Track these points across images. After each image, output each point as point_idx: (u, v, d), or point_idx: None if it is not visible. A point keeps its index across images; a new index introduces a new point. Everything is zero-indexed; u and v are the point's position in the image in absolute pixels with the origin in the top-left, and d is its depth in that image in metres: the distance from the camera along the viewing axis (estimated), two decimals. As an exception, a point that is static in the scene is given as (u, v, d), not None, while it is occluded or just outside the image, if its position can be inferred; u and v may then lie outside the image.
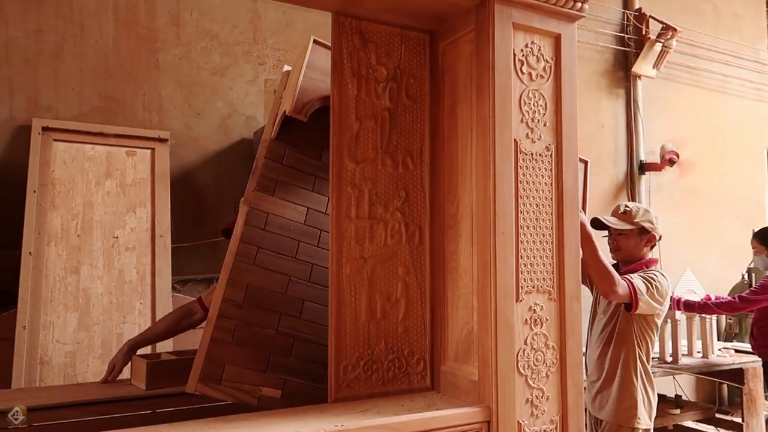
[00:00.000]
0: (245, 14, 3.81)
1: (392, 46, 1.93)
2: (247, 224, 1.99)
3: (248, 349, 1.90)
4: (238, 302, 1.92)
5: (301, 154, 2.13)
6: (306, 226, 2.10)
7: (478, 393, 1.69)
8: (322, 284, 2.02)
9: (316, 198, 2.13)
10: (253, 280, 1.96)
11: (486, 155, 1.70)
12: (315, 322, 2.02)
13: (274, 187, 2.05)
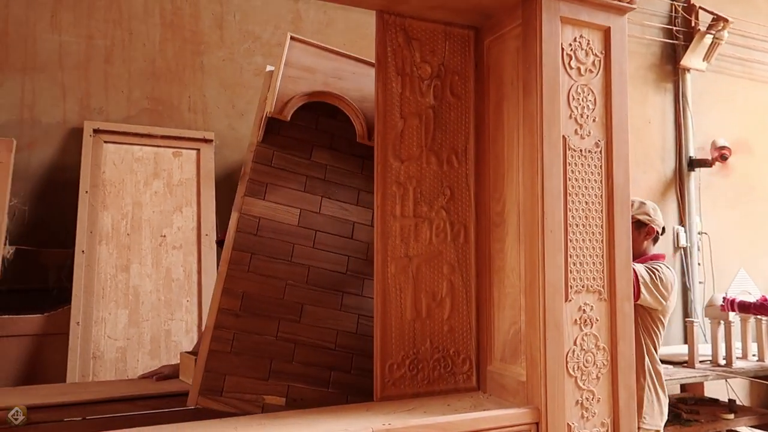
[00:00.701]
0: (287, 15, 3.84)
1: (436, 44, 1.91)
2: (239, 231, 1.95)
3: (248, 357, 1.86)
4: (234, 311, 1.87)
5: (290, 154, 2.08)
6: (300, 227, 2.04)
7: (526, 394, 1.66)
8: (321, 286, 2.00)
9: (308, 198, 2.07)
10: (249, 287, 1.92)
11: (533, 152, 1.67)
12: (315, 325, 1.97)
13: (264, 191, 2.01)
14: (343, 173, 2.15)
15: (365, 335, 2.01)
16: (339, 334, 1.99)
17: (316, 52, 2.11)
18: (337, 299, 2.03)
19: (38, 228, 3.15)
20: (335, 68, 2.10)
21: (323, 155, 2.13)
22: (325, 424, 1.51)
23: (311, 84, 2.04)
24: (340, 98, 2.05)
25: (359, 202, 2.14)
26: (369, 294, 2.06)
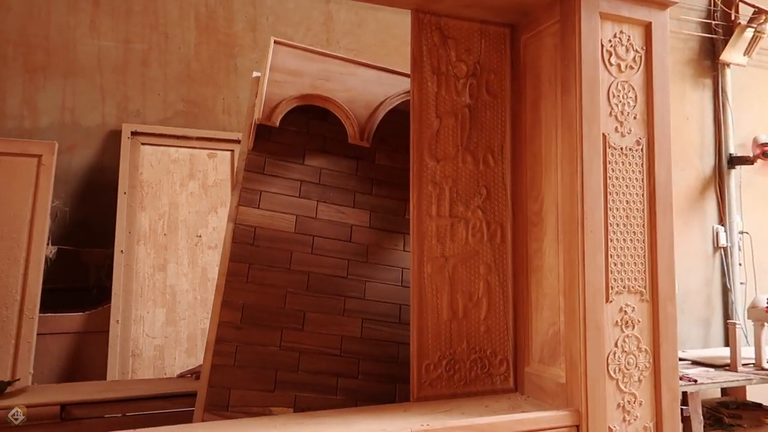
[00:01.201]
0: (318, 17, 3.86)
1: (472, 42, 1.90)
2: (235, 242, 1.92)
3: (252, 370, 1.85)
4: (235, 323, 1.86)
5: (282, 160, 2.05)
6: (297, 234, 2.01)
7: (565, 396, 1.63)
8: (322, 292, 1.98)
9: (304, 204, 2.05)
10: (249, 298, 1.90)
11: (572, 150, 1.65)
12: (319, 332, 1.95)
13: (258, 199, 1.98)
14: (338, 176, 2.12)
15: (370, 339, 2.00)
16: (343, 339, 1.97)
17: (301, 54, 2.08)
18: (340, 304, 2.00)
19: (79, 228, 3.23)
20: (322, 70, 2.07)
21: (316, 159, 2.10)
22: (363, 423, 1.51)
23: (298, 87, 2.01)
24: (328, 100, 2.02)
25: (355, 204, 2.12)
26: (372, 297, 2.06)
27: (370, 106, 2.06)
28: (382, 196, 2.16)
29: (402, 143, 2.22)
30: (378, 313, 2.05)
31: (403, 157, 2.21)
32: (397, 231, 2.15)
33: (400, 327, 2.06)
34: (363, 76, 2.10)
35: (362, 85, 2.08)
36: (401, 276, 2.12)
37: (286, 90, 1.97)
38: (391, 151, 2.21)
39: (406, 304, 2.08)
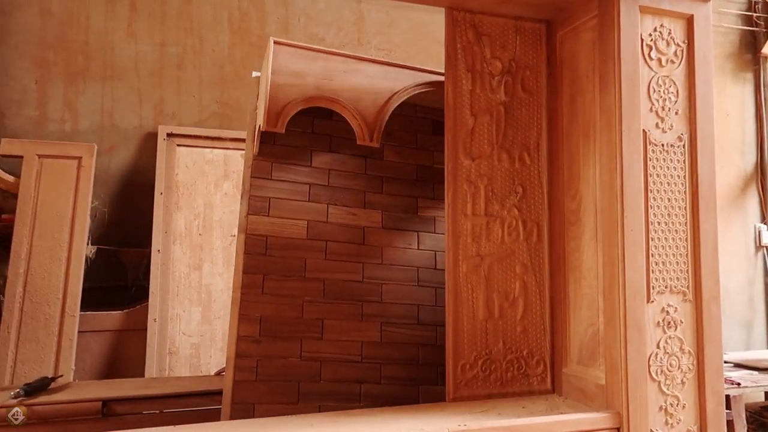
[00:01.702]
0: (350, 17, 3.88)
1: (507, 39, 1.88)
2: (248, 253, 1.88)
3: (275, 383, 1.82)
4: (254, 337, 1.83)
5: (289, 164, 2.00)
6: (309, 240, 1.97)
7: (605, 398, 1.60)
8: (339, 298, 1.95)
9: (314, 208, 2.00)
10: (266, 310, 1.86)
11: (612, 148, 1.61)
12: (338, 339, 1.93)
13: (267, 207, 1.93)
14: (347, 176, 2.08)
15: (390, 342, 1.97)
16: (363, 345, 1.95)
17: (303, 54, 1.99)
18: (357, 309, 1.98)
19: (117, 228, 3.30)
20: (325, 69, 1.99)
21: (324, 159, 2.05)
22: (400, 423, 1.50)
23: (302, 90, 1.93)
24: (334, 101, 1.95)
25: (366, 204, 2.07)
26: (389, 299, 2.03)
27: (377, 104, 2.00)
28: (392, 194, 2.13)
29: (411, 138, 2.21)
30: (396, 316, 2.03)
31: (412, 153, 2.19)
32: (410, 229, 2.12)
33: (418, 328, 2.04)
34: (368, 73, 2.03)
35: (368, 82, 2.01)
36: (416, 275, 2.09)
37: (290, 93, 1.89)
38: (399, 147, 2.18)
39: (423, 305, 2.07)
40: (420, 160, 2.19)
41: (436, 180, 2.18)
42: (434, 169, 2.19)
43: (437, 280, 2.10)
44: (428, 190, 2.18)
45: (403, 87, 2.05)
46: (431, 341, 2.05)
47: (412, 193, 2.14)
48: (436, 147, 2.20)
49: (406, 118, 2.19)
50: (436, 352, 2.03)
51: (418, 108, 2.22)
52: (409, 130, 2.20)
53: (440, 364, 2.00)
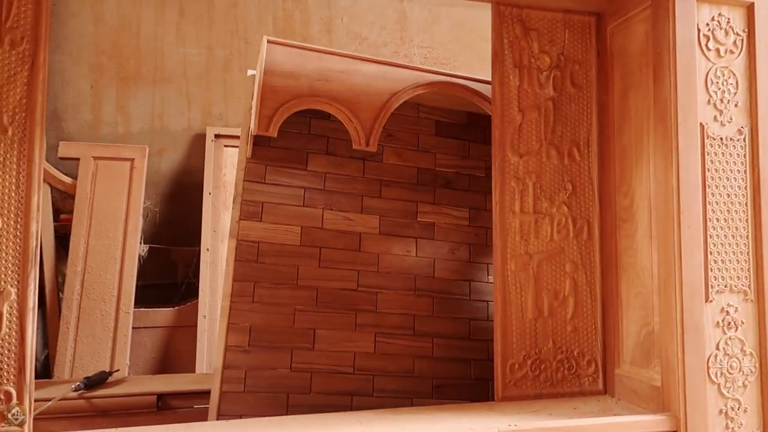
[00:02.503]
0: (392, 15, 3.88)
1: (555, 33, 1.84)
2: (238, 260, 1.82)
3: (264, 395, 1.77)
4: (243, 347, 1.78)
5: (283, 167, 1.93)
6: (303, 247, 1.90)
7: (661, 400, 1.56)
8: (332, 307, 1.89)
9: (309, 213, 1.93)
10: (256, 319, 1.81)
11: (667, 142, 1.57)
12: (330, 350, 1.86)
13: (260, 211, 1.88)
14: (344, 179, 2.01)
15: (385, 354, 1.91)
16: (356, 356, 1.89)
17: (298, 53, 1.91)
18: (351, 319, 1.91)
19: (168, 228, 3.40)
20: (321, 69, 1.91)
21: (320, 162, 1.99)
22: (448, 422, 1.49)
23: (296, 91, 1.85)
24: (329, 103, 1.88)
25: (363, 209, 2.00)
26: (384, 308, 1.96)
27: (374, 106, 1.92)
28: (391, 199, 2.06)
29: (412, 140, 2.12)
30: (391, 326, 1.96)
31: (413, 155, 2.11)
32: (409, 236, 2.05)
33: (415, 339, 1.97)
34: (366, 73, 1.95)
35: (365, 82, 1.93)
36: (414, 284, 2.02)
37: (283, 95, 1.81)
38: (399, 149, 2.10)
39: (420, 314, 2.00)
40: (421, 163, 2.12)
41: (438, 184, 2.12)
42: (436, 173, 2.13)
43: (435, 288, 2.04)
44: (429, 195, 2.11)
45: (402, 88, 1.97)
46: (427, 353, 1.97)
47: (412, 197, 2.08)
48: (438, 149, 2.14)
49: (407, 118, 2.12)
50: (432, 365, 1.97)
51: (420, 108, 2.16)
52: (410, 131, 2.13)
53: (436, 377, 1.96)
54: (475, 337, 2.05)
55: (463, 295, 2.06)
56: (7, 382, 1.35)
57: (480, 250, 2.12)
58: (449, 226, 2.10)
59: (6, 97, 1.40)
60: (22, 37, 1.43)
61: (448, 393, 1.96)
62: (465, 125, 2.21)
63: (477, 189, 2.17)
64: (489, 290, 2.08)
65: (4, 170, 1.39)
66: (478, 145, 2.21)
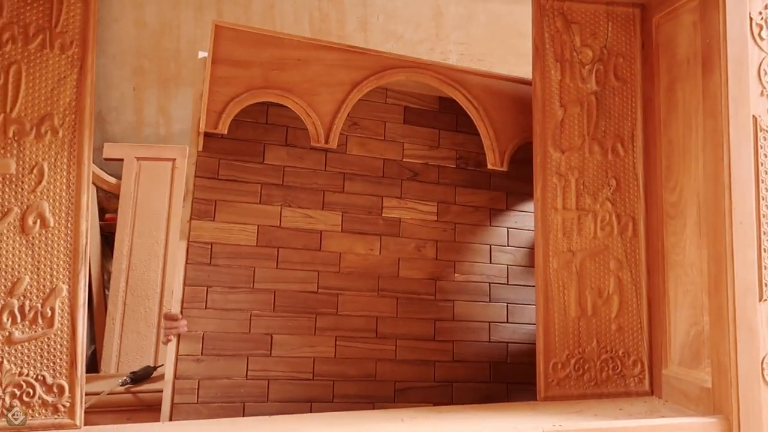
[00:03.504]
0: (427, 12, 3.86)
1: (598, 26, 1.80)
2: (189, 263, 1.72)
3: (217, 405, 1.70)
4: (196, 356, 1.70)
5: (238, 161, 1.80)
6: (259, 247, 1.80)
7: (712, 402, 1.51)
8: (290, 311, 1.81)
9: (266, 211, 1.82)
10: (209, 326, 1.72)
11: (717, 136, 1.51)
12: (289, 356, 1.79)
13: (213, 210, 1.76)
14: (304, 173, 1.89)
15: (346, 358, 1.85)
16: (316, 361, 1.81)
17: (250, 39, 1.74)
18: (310, 323, 1.83)
19: (208, 226, 3.45)
20: (276, 57, 1.75)
21: (278, 155, 1.86)
22: (492, 421, 1.48)
23: (247, 82, 1.71)
24: (285, 96, 1.75)
25: (325, 205, 1.90)
26: (345, 311, 1.88)
27: (335, 99, 1.79)
28: (355, 193, 1.94)
29: (378, 128, 2.00)
30: (353, 329, 1.88)
31: (379, 145, 2.00)
32: (373, 233, 1.95)
33: (377, 342, 1.89)
34: (326, 61, 1.80)
35: (326, 71, 1.79)
36: (377, 284, 1.93)
37: (234, 88, 1.67)
38: (364, 139, 1.97)
39: (383, 316, 1.91)
40: (388, 154, 2.00)
41: (404, 176, 2.01)
42: (403, 164, 2.02)
43: (400, 288, 1.95)
44: (395, 188, 2.00)
45: (365, 77, 1.83)
46: (390, 356, 1.90)
47: (376, 191, 1.97)
48: (406, 138, 2.02)
49: (374, 104, 1.99)
50: (394, 368, 1.90)
51: (388, 93, 2.01)
52: (376, 118, 2.00)
53: (399, 380, 1.90)
54: (440, 338, 1.97)
55: (428, 295, 1.97)
56: (59, 376, 1.39)
57: (447, 247, 2.02)
58: (416, 221, 2.00)
59: (57, 99, 1.45)
60: (71, 41, 1.47)
61: (410, 396, 1.89)
62: (436, 111, 2.07)
63: (447, 181, 2.06)
64: (455, 289, 2.01)
65: (56, 171, 1.43)
66: (449, 133, 2.07)
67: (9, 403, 1.35)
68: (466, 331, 2.00)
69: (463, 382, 1.96)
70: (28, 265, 1.40)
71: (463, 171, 2.08)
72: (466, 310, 2.01)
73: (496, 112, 1.98)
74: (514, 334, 2.05)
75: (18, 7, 1.44)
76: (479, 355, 2.00)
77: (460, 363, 1.97)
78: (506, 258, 2.09)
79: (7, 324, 1.37)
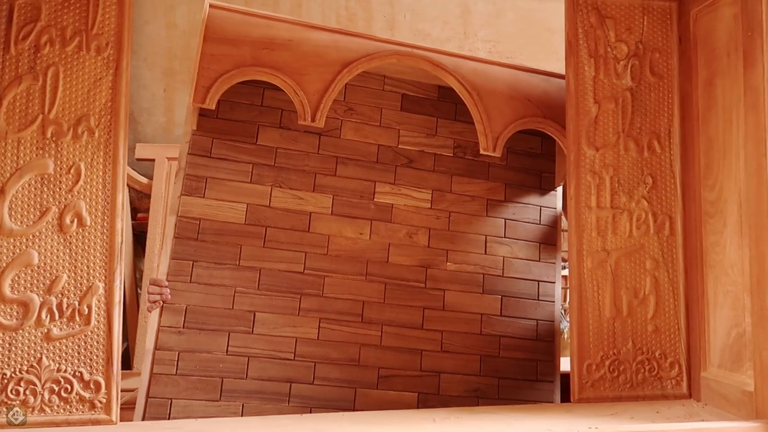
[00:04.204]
0: (455, 10, 3.84)
1: (633, 20, 1.77)
2: (177, 237, 1.76)
3: (196, 378, 1.73)
4: (177, 328, 1.73)
5: (231, 140, 1.84)
6: (247, 225, 1.82)
7: (754, 406, 1.46)
8: (275, 290, 1.81)
9: (256, 190, 1.84)
10: (192, 299, 1.75)
11: (759, 132, 1.47)
12: (270, 334, 1.79)
13: (203, 187, 1.80)
14: (296, 155, 1.90)
15: (329, 341, 1.83)
16: (298, 341, 1.81)
17: (241, 19, 1.76)
18: (295, 303, 1.83)
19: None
20: (267, 37, 1.75)
21: (271, 136, 1.88)
22: (525, 422, 1.46)
23: (237, 60, 1.71)
24: (274, 74, 1.72)
25: (316, 188, 1.89)
26: (331, 293, 1.86)
27: (323, 79, 1.75)
28: (347, 177, 1.93)
29: (374, 114, 1.98)
30: (338, 312, 1.86)
31: (374, 131, 1.98)
32: (363, 217, 1.93)
33: (362, 326, 1.87)
34: (316, 41, 1.78)
35: (315, 52, 1.76)
36: (366, 269, 1.90)
37: (223, 65, 1.69)
38: (360, 124, 1.96)
39: (369, 300, 1.89)
40: (383, 140, 1.98)
41: (399, 162, 1.98)
42: (398, 150, 1.99)
43: (389, 274, 1.92)
44: (389, 174, 1.97)
45: (355, 58, 1.79)
46: (375, 341, 1.87)
47: (369, 176, 1.95)
48: (403, 124, 2.01)
49: (371, 91, 1.98)
50: (379, 354, 1.87)
51: (386, 80, 2.01)
52: (373, 105, 1.99)
53: (383, 366, 1.87)
54: (429, 327, 1.93)
55: (418, 282, 1.94)
56: (96, 372, 1.41)
57: (441, 235, 1.98)
58: (409, 208, 1.97)
59: (93, 100, 1.47)
60: (107, 43, 1.49)
61: (394, 384, 1.87)
62: (435, 100, 2.05)
63: (443, 169, 2.02)
64: (446, 278, 1.97)
65: (92, 171, 1.46)
66: (448, 122, 2.05)
67: (48, 398, 1.38)
68: (457, 322, 1.95)
69: (451, 374, 1.92)
70: (66, 264, 1.42)
71: (461, 160, 2.04)
72: (458, 300, 1.96)
73: (490, 97, 1.89)
74: (508, 327, 1.99)
75: (55, 10, 1.47)
76: (469, 347, 1.95)
77: (449, 354, 1.93)
78: (503, 250, 2.04)
79: (46, 321, 1.40)
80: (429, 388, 1.90)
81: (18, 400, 1.36)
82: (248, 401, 1.76)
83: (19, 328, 1.38)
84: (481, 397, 1.92)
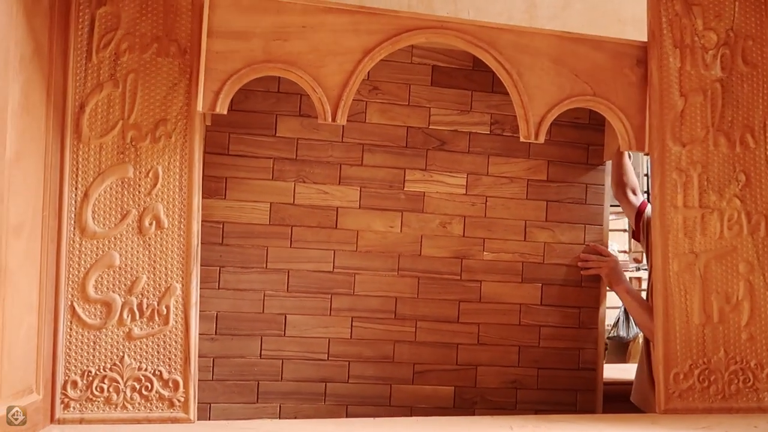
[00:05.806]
0: (520, 5, 3.74)
1: (723, 6, 1.65)
2: (201, 243, 1.64)
3: (232, 383, 1.73)
4: (210, 335, 1.72)
5: (249, 134, 1.75)
6: (272, 225, 1.76)
7: None
8: (304, 291, 1.77)
9: (279, 187, 1.75)
10: (222, 306, 1.74)
11: None
12: (303, 336, 1.75)
13: (224, 188, 1.74)
14: (319, 146, 1.79)
15: (362, 339, 1.79)
16: (331, 342, 1.77)
17: (248, 6, 1.55)
18: (326, 303, 1.78)
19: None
20: (278, 25, 1.54)
21: (291, 126, 1.78)
22: (609, 434, 1.39)
23: (247, 57, 1.52)
24: (289, 69, 1.53)
25: (341, 180, 1.79)
26: (362, 291, 1.79)
27: (343, 70, 1.55)
28: (374, 166, 1.81)
29: (401, 92, 1.85)
30: (370, 309, 1.80)
31: (402, 111, 1.85)
32: (394, 209, 1.82)
33: (395, 323, 1.80)
34: (334, 26, 1.56)
35: (333, 39, 1.56)
36: (397, 264, 1.82)
37: (232, 63, 1.51)
38: (386, 105, 1.82)
39: (402, 296, 1.81)
40: (412, 121, 1.84)
41: (430, 146, 1.85)
42: (429, 132, 1.85)
43: (422, 268, 1.83)
44: (419, 160, 1.84)
45: (378, 42, 1.56)
46: (409, 337, 1.81)
47: (398, 163, 1.83)
48: (434, 101, 1.85)
49: (396, 65, 1.83)
50: (414, 349, 1.81)
51: (414, 51, 1.85)
52: (400, 81, 1.84)
53: (418, 362, 1.81)
54: (465, 320, 1.85)
55: (452, 275, 1.85)
56: (175, 372, 1.44)
57: (476, 223, 1.87)
58: (441, 195, 1.86)
59: (169, 105, 1.50)
60: (183, 49, 1.51)
61: (430, 379, 1.81)
62: (469, 70, 1.90)
63: (478, 150, 1.89)
64: (483, 268, 1.87)
65: (169, 174, 1.48)
66: (484, 95, 1.90)
67: (129, 395, 1.41)
68: (494, 314, 1.87)
69: (488, 366, 1.85)
70: (145, 265, 1.46)
71: (498, 137, 1.90)
72: (495, 291, 1.88)
73: (532, 75, 1.63)
74: (549, 316, 1.89)
75: (134, 17, 1.50)
76: (508, 338, 1.87)
77: (486, 346, 1.86)
78: (544, 235, 1.91)
79: (127, 321, 1.43)
80: (465, 381, 1.85)
81: (102, 397, 1.40)
82: (285, 402, 1.76)
83: (103, 327, 1.42)
84: (519, 388, 1.87)
